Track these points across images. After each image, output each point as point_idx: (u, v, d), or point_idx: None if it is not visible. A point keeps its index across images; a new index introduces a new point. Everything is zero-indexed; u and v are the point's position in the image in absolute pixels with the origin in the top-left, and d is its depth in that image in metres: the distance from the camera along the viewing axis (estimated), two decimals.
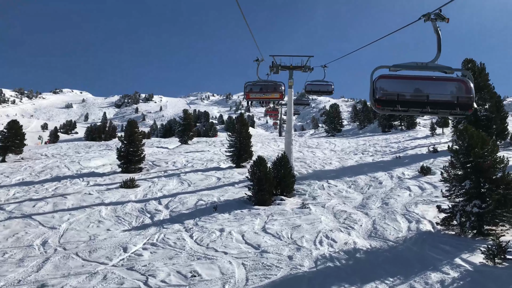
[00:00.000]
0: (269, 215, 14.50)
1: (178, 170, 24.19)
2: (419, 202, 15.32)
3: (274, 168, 17.45)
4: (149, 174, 23.34)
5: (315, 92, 23.16)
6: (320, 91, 23.02)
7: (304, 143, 40.60)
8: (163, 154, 32.71)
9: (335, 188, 18.24)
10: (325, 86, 22.82)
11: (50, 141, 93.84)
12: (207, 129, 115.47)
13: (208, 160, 27.87)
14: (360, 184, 18.74)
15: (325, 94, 23.27)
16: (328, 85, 22.85)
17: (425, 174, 19.15)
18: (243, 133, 24.42)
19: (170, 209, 16.06)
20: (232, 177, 21.30)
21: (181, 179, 21.04)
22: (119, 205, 16.74)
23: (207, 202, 16.63)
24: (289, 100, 21.88)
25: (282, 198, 16.65)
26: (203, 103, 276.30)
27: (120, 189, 19.05)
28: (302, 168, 23.48)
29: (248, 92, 17.19)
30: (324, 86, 22.81)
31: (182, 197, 17.47)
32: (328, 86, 22.84)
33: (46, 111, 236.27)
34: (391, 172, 20.53)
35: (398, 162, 23.19)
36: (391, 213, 14.21)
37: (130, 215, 15.42)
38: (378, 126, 50.92)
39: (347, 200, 16.45)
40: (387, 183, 18.45)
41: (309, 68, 21.33)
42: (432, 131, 37.24)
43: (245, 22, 10.82)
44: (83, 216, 15.12)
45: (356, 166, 23.16)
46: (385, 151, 30.17)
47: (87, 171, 25.14)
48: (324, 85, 22.82)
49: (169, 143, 44.71)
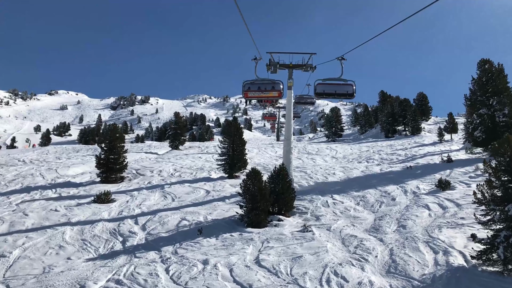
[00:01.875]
0: (264, 240, 12.01)
1: (164, 180, 21.65)
2: (443, 226, 12.86)
3: (270, 181, 15.00)
4: (130, 185, 20.80)
5: (330, 95, 17.54)
6: (336, 94, 17.20)
7: (303, 149, 38.18)
8: (150, 161, 30.17)
9: (341, 205, 15.76)
10: (344, 86, 17.19)
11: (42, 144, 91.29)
12: (203, 132, 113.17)
13: (198, 168, 25.34)
14: (369, 200, 16.28)
15: (344, 97, 17.51)
16: (348, 85, 17.17)
17: (444, 189, 16.72)
18: (236, 140, 21.93)
19: (147, 230, 13.55)
20: (223, 190, 18.79)
21: (164, 192, 18.51)
22: (88, 225, 14.22)
23: (191, 222, 14.11)
24: (288, 103, 19.41)
25: (279, 218, 14.17)
26: (200, 106, 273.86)
27: (92, 205, 16.51)
28: (303, 179, 21.00)
29: (246, 91, 16.60)
30: (342, 87, 17.19)
31: (163, 215, 14.94)
32: (348, 86, 17.16)
33: (40, 113, 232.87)
34: (404, 185, 18.09)
35: (409, 173, 20.75)
36: (411, 240, 11.74)
37: (99, 238, 12.92)
38: (381, 131, 48.58)
39: (356, 221, 13.98)
40: (401, 200, 16.00)
41: (312, 67, 18.86)
42: (440, 137, 34.89)
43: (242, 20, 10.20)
44: (42, 240, 12.62)
45: (363, 178, 20.70)
46: (392, 159, 27.78)
47: (62, 180, 22.59)
48: (342, 86, 17.20)
49: (160, 147, 42.21)
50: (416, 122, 43.99)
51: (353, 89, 17.33)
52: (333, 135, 52.79)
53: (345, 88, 17.35)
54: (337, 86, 17.27)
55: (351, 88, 17.41)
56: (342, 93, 17.31)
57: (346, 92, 17.42)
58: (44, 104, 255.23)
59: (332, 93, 17.54)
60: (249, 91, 16.58)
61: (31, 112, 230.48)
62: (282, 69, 19.08)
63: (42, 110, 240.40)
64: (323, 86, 17.41)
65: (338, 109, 56.93)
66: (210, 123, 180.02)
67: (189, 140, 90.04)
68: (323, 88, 17.24)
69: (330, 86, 17.51)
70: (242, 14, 10.06)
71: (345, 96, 17.48)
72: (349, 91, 17.32)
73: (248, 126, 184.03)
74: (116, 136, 22.72)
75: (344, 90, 17.30)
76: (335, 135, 52.87)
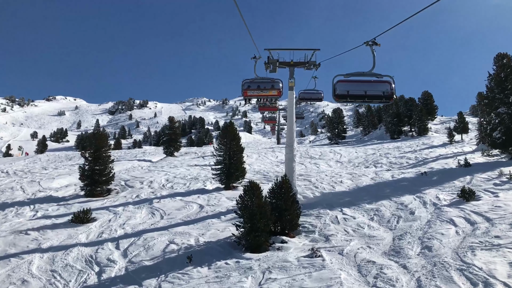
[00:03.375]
0: (265, 270, 10.05)
1: (154, 193, 19.67)
2: (476, 247, 10.86)
3: (272, 196, 13.06)
4: (116, 199, 18.83)
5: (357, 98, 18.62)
6: (367, 96, 18.35)
7: (306, 153, 36.22)
8: (142, 170, 28.20)
9: (353, 222, 13.78)
10: (377, 85, 18.10)
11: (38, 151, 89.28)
12: (201, 136, 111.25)
13: (193, 178, 23.35)
14: (384, 214, 14.30)
15: (378, 100, 18.83)
16: (384, 83, 17.99)
17: (468, 200, 14.74)
18: (233, 146, 19.96)
19: (128, 258, 11.58)
20: (218, 204, 16.82)
21: (153, 208, 16.53)
22: (61, 251, 12.29)
23: (180, 246, 12.14)
24: (289, 105, 17.50)
25: (283, 240, 12.20)
26: (199, 109, 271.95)
27: (69, 225, 14.54)
28: (307, 189, 19.03)
29: (245, 90, 16.14)
30: (375, 86, 17.97)
31: (149, 238, 12.97)
32: (383, 85, 17.87)
33: (38, 119, 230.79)
34: (421, 195, 16.12)
35: (425, 181, 18.79)
36: (440, 267, 9.76)
37: (71, 269, 10.98)
38: (386, 132, 46.61)
39: (372, 241, 12.00)
40: (421, 213, 14.02)
41: (315, 64, 16.94)
42: (450, 138, 32.92)
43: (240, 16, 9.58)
44: (3, 273, 10.71)
45: (374, 186, 18.74)
46: (402, 163, 25.82)
47: (43, 194, 20.65)
48: (375, 84, 18.02)
49: (154, 154, 40.28)
50: (423, 122, 42.08)
51: (391, 88, 13.12)
52: (336, 137, 50.80)
53: (380, 87, 12.74)
54: (368, 85, 12.65)
55: (388, 87, 13.19)
56: (376, 95, 12.69)
57: (382, 94, 13.19)
58: (42, 110, 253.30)
59: (360, 95, 13.04)
60: (249, 90, 16.12)
61: (28, 119, 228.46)
62: (282, 68, 17.24)
63: (39, 117, 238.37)
64: (347, 85, 12.92)
65: (341, 110, 54.95)
66: (210, 126, 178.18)
67: (187, 145, 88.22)
68: (347, 87, 12.53)
69: (357, 85, 13.04)
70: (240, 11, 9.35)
71: (380, 99, 12.86)
72: (385, 91, 13.11)
73: (248, 128, 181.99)
74: (102, 144, 20.76)
75: (379, 90, 12.66)
76: (338, 137, 50.89)
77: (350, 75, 12.78)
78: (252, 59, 17.12)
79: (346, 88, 12.76)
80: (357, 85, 12.92)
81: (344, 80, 13.05)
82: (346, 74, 12.70)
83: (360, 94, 13.00)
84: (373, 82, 13.27)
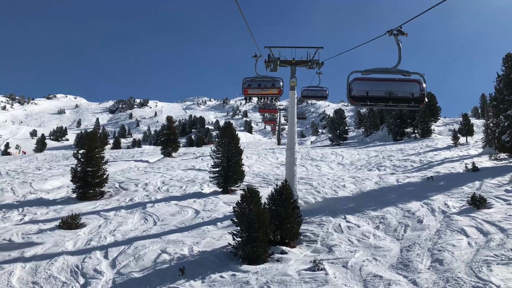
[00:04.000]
0: (263, 285, 9.25)
1: (148, 196, 18.86)
2: (491, 261, 10.04)
3: (271, 202, 12.26)
4: (109, 203, 18.03)
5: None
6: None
7: (307, 154, 35.41)
8: (138, 171, 27.40)
9: (358, 230, 12.96)
10: (405, 85, 17.24)
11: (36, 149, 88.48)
12: (201, 136, 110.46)
13: (190, 181, 22.53)
14: (391, 222, 13.48)
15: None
16: (413, 83, 17.48)
17: (479, 207, 13.93)
18: (231, 148, 19.14)
19: (116, 268, 10.79)
20: (215, 209, 16.01)
21: (146, 213, 15.72)
22: (45, 260, 11.49)
23: (172, 256, 11.33)
24: (290, 105, 16.70)
25: (282, 250, 11.39)
26: (199, 108, 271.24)
27: (56, 231, 13.75)
28: (308, 194, 18.21)
29: (246, 88, 16.01)
30: (402, 86, 17.17)
31: (140, 246, 12.17)
32: (411, 85, 17.39)
33: (38, 117, 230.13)
34: (429, 202, 15.30)
35: (432, 186, 17.97)
36: (454, 284, 8.94)
37: (55, 281, 10.19)
38: (388, 133, 45.78)
39: (378, 253, 11.18)
40: (429, 222, 13.19)
41: (318, 63, 16.16)
42: (455, 141, 32.09)
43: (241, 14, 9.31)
44: None
45: (378, 191, 17.92)
46: (406, 166, 25.01)
47: (34, 197, 19.87)
48: (402, 84, 17.19)
49: (152, 154, 39.48)
50: (426, 124, 41.27)
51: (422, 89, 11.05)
52: (337, 139, 49.96)
53: (408, 88, 10.27)
54: (392, 85, 10.14)
55: (418, 88, 11.15)
56: (402, 98, 10.15)
57: (410, 96, 10.95)
58: (42, 108, 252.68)
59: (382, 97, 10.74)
60: (249, 88, 15.98)
61: (28, 117, 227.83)
62: (283, 66, 16.48)
63: (39, 115, 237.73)
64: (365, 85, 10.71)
65: (342, 111, 54.11)
66: (210, 125, 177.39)
67: (186, 144, 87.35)
68: (367, 87, 9.99)
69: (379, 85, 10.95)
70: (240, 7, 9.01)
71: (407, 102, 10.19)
72: (415, 93, 10.95)
73: (248, 128, 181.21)
74: (95, 144, 19.96)
75: (406, 91, 10.16)
76: (339, 138, 50.05)
77: (369, 72, 10.30)
78: (253, 57, 16.94)
79: (365, 88, 10.25)
80: (378, 84, 10.46)
81: (362, 78, 10.42)
82: (365, 70, 10.23)
83: (383, 96, 10.42)
84: (399, 81, 10.70)
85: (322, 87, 18.43)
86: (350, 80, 10.34)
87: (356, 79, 10.34)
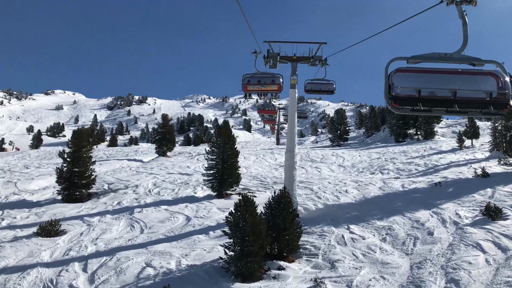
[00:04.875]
0: None
1: (137, 200, 17.71)
2: None
3: (268, 212, 11.16)
4: (95, 206, 16.88)
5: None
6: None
7: (306, 155, 34.29)
8: (129, 171, 26.23)
9: (362, 243, 11.84)
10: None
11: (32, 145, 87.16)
12: (200, 134, 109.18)
13: (183, 183, 21.37)
14: (398, 234, 12.36)
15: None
16: (330, 84, 17.40)
17: (494, 219, 12.81)
18: (227, 150, 17.99)
19: (95, 284, 9.68)
20: (208, 216, 14.88)
21: (133, 219, 14.57)
22: (16, 273, 10.37)
23: (158, 271, 10.20)
24: (291, 105, 15.61)
25: (280, 266, 10.27)
26: (198, 106, 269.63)
27: (33, 239, 12.60)
28: (309, 199, 17.09)
29: (246, 84, 15.67)
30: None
31: (123, 258, 11.04)
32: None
33: (35, 113, 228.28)
34: (439, 211, 14.18)
35: (440, 192, 16.85)
36: None
37: None
38: (390, 134, 44.65)
39: (386, 270, 10.07)
40: (441, 234, 12.07)
41: (321, 59, 15.09)
42: (460, 144, 31.00)
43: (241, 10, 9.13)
44: None
45: (383, 198, 16.81)
46: (411, 170, 23.91)
47: (17, 198, 18.73)
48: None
49: (147, 153, 38.32)
50: (430, 125, 40.18)
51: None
52: (338, 139, 48.83)
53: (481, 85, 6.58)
54: (457, 79, 6.53)
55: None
56: (473, 99, 6.48)
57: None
58: (40, 104, 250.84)
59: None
60: (249, 85, 15.62)
61: (26, 112, 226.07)
62: (283, 63, 15.44)
63: (37, 110, 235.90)
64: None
65: (344, 111, 52.95)
66: (209, 124, 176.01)
67: (184, 143, 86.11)
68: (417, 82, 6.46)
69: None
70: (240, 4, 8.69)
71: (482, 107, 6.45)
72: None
73: (247, 127, 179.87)
74: (84, 143, 18.80)
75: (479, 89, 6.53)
76: (340, 138, 48.91)
77: (419, 60, 6.63)
78: (252, 53, 16.37)
79: (415, 84, 6.39)
80: (436, 78, 6.45)
81: (409, 69, 6.60)
82: (413, 57, 6.59)
83: (443, 98, 6.38)
84: (465, 73, 6.59)
85: (329, 81, 17.01)
86: (390, 73, 6.57)
87: (400, 71, 6.52)
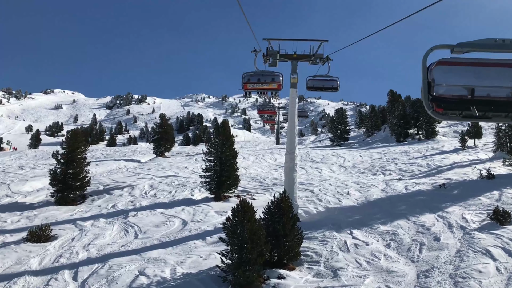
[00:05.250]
0: None
1: (133, 202, 17.20)
2: None
3: (268, 217, 10.65)
4: (89, 209, 16.38)
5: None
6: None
7: (306, 155, 33.78)
8: (126, 172, 25.72)
9: (366, 249, 11.33)
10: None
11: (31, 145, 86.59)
12: (199, 134, 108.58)
13: (180, 184, 20.85)
14: (403, 239, 11.86)
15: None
16: (333, 81, 16.40)
17: (502, 223, 12.33)
18: (225, 150, 17.48)
19: None
20: (205, 220, 14.37)
21: (127, 224, 14.05)
22: (2, 282, 9.86)
23: (151, 279, 9.70)
24: (291, 104, 15.10)
25: (280, 274, 9.76)
26: (198, 105, 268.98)
27: (22, 245, 12.08)
28: (309, 202, 16.59)
29: (245, 83, 15.43)
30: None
31: (116, 265, 10.53)
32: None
33: (34, 112, 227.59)
34: (444, 214, 13.69)
35: (445, 195, 16.36)
36: None
37: None
38: (391, 134, 44.14)
39: (391, 278, 9.57)
40: (448, 240, 11.58)
41: (322, 58, 14.56)
42: (463, 144, 30.50)
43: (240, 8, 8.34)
44: None
45: (386, 201, 16.31)
46: (413, 171, 23.41)
47: (9, 200, 18.21)
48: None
49: (145, 153, 37.78)
50: (431, 125, 39.66)
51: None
52: (338, 139, 48.31)
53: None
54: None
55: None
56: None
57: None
58: (39, 103, 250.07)
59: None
60: (249, 83, 15.38)
61: (25, 112, 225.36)
62: (283, 61, 14.93)
63: (36, 110, 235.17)
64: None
65: (344, 110, 52.41)
66: (208, 123, 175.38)
67: (183, 143, 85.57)
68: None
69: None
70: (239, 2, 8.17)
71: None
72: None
73: (247, 126, 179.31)
74: (78, 144, 18.29)
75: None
76: (340, 138, 48.39)
77: (467, 49, 4.07)
78: (252, 52, 15.94)
79: (463, 82, 4.07)
80: (493, 72, 4.07)
81: (456, 62, 4.10)
82: (459, 44, 4.05)
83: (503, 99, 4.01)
84: None
85: (332, 77, 16.36)
86: (429, 67, 4.24)
87: (443, 63, 4.18)
